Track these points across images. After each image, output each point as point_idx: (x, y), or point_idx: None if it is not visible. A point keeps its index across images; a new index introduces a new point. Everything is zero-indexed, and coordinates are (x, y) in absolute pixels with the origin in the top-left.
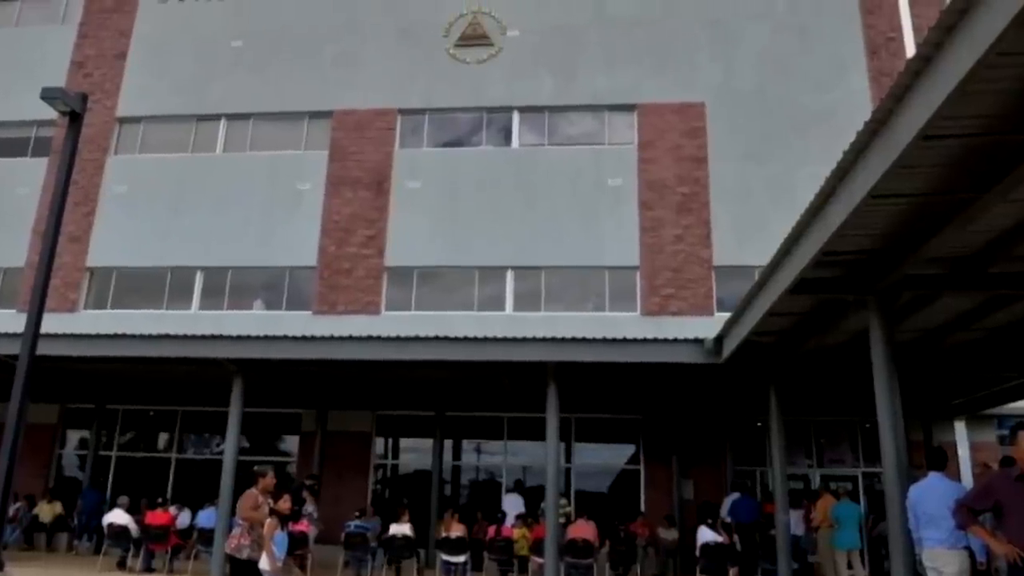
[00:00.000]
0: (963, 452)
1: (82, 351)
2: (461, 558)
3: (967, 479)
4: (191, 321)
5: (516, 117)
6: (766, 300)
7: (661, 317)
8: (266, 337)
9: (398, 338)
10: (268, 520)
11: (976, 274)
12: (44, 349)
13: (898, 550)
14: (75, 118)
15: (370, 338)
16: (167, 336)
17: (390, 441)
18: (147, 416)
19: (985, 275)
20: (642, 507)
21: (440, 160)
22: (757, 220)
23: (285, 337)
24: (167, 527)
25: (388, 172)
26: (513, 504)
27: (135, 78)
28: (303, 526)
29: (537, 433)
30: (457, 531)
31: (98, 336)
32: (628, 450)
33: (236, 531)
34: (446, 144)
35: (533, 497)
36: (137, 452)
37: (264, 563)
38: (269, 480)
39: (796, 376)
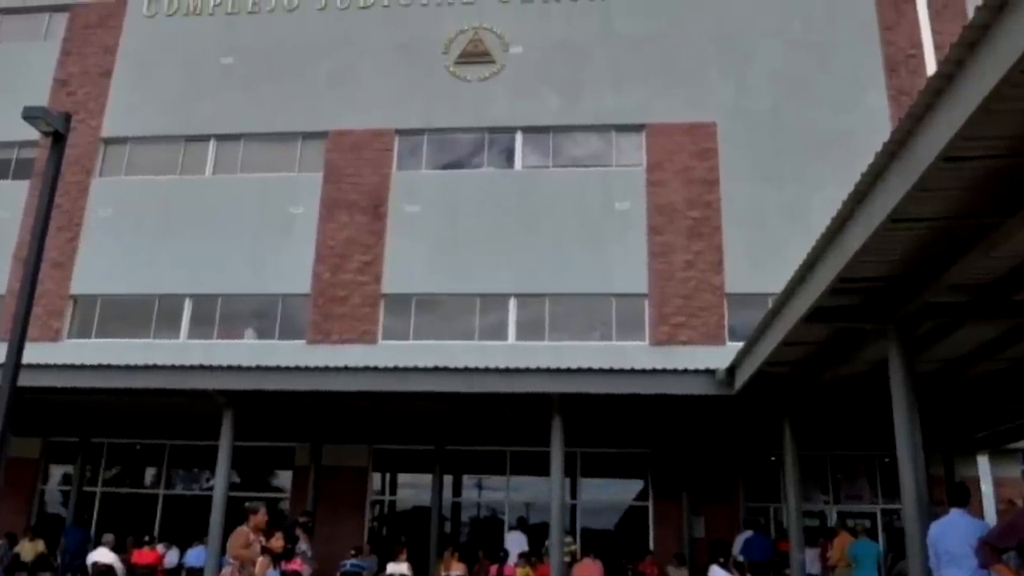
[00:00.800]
0: (986, 488)
1: (66, 382)
2: None
3: (990, 516)
4: (179, 351)
5: (519, 138)
6: (780, 329)
7: (671, 347)
8: (258, 368)
9: (396, 369)
10: (260, 559)
11: (1000, 302)
12: (26, 380)
13: None
14: (58, 139)
15: (366, 369)
16: (154, 367)
17: (387, 476)
18: (133, 450)
19: (1009, 303)
20: (651, 545)
21: (440, 182)
22: (771, 245)
23: (277, 368)
24: (154, 566)
25: (385, 195)
26: (516, 542)
27: (121, 97)
28: (296, 565)
29: (541, 468)
30: (457, 570)
31: (82, 366)
32: (636, 486)
33: (226, 570)
34: (446, 166)
35: (537, 535)
36: (123, 488)
37: None
38: (261, 517)
39: (812, 408)
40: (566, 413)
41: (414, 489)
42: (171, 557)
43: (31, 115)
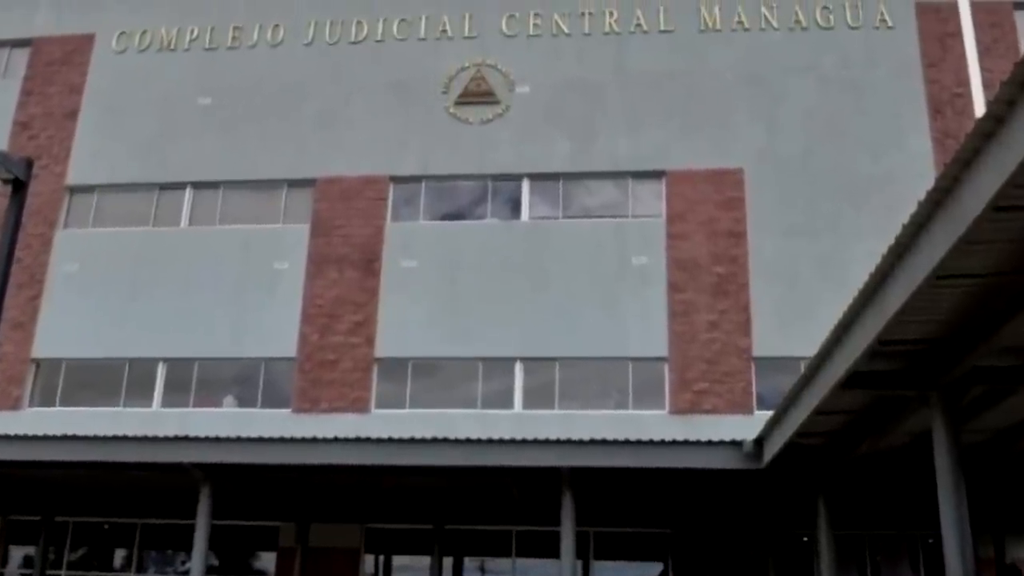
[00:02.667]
0: None
1: (26, 455)
2: None
3: None
4: (152, 420)
5: (526, 185)
6: (814, 396)
7: (693, 416)
8: (238, 439)
9: (390, 440)
10: None
11: None
12: None
13: None
14: (19, 187)
15: (358, 440)
16: (124, 438)
17: (381, 559)
18: (101, 530)
19: None
20: None
21: (438, 235)
22: (803, 304)
23: (260, 439)
24: None
25: (379, 249)
26: None
27: (88, 141)
28: None
29: (550, 549)
30: None
31: (45, 438)
32: (655, 569)
33: None
34: (445, 216)
35: None
36: (90, 571)
37: None
38: None
39: (848, 484)
40: (578, 489)
41: (411, 572)
42: None
43: None
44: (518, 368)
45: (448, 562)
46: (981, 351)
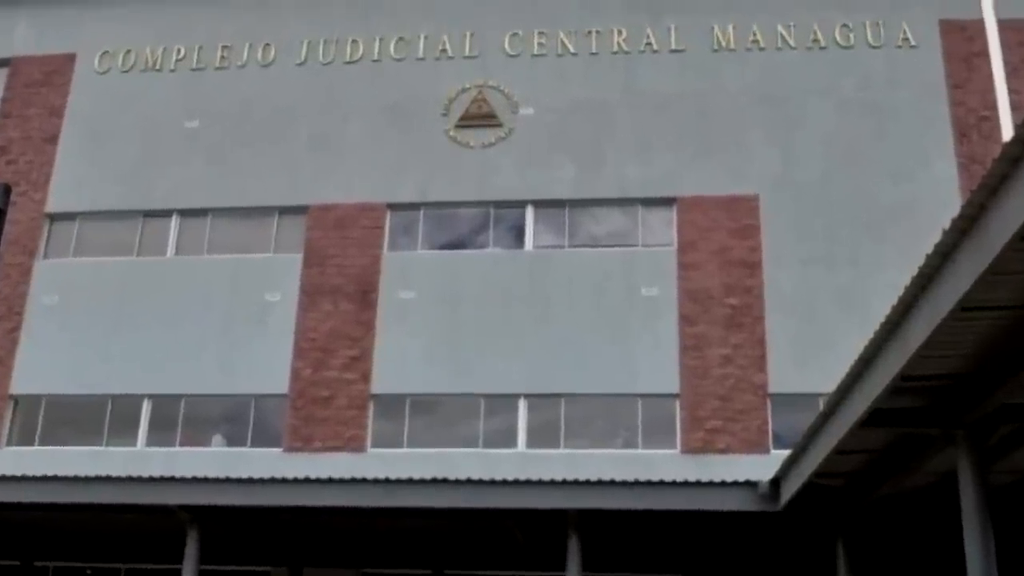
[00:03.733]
0: None
1: (4, 497)
2: None
3: None
4: (137, 460)
5: (530, 213)
6: (833, 435)
7: (706, 455)
8: (227, 480)
9: (387, 481)
10: None
11: None
12: None
13: None
14: None
15: (353, 481)
16: (107, 478)
17: None
18: (84, 575)
19: None
20: None
21: (438, 265)
22: (822, 338)
23: (250, 480)
24: None
25: (375, 280)
26: None
27: (69, 166)
28: None
29: None
30: None
31: (23, 478)
32: None
33: None
34: (445, 245)
35: None
36: None
37: None
38: None
39: (869, 527)
40: (584, 532)
41: None
42: None
43: None
44: (522, 405)
45: None
46: (1010, 387)
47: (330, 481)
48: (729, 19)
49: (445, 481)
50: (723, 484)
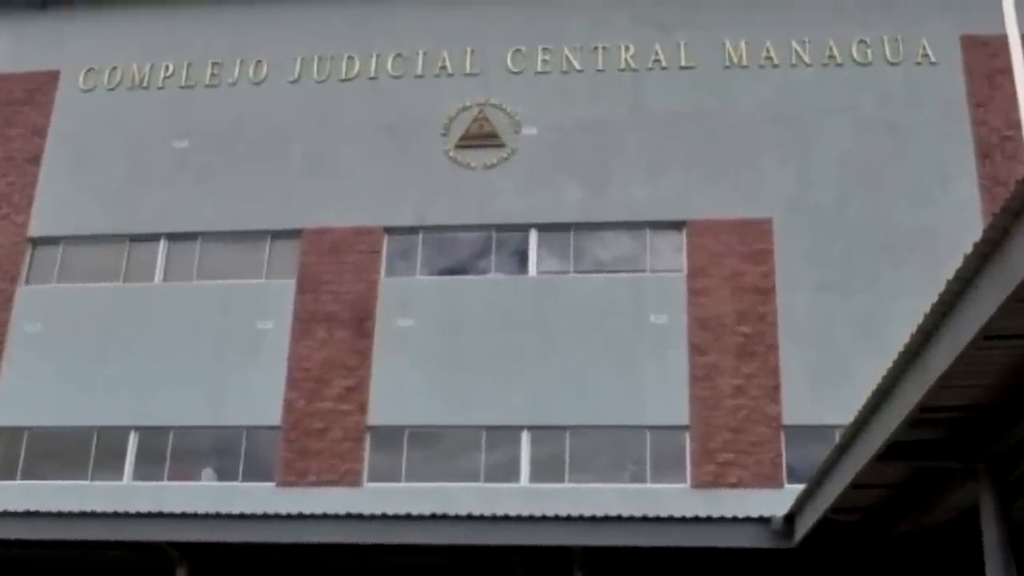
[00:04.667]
0: None
1: None
2: None
3: None
4: (123, 495)
5: (533, 237)
6: (850, 469)
7: (717, 490)
8: (217, 515)
9: (384, 517)
10: None
11: None
12: None
13: None
14: None
15: (349, 517)
16: (92, 514)
17: None
18: None
19: None
20: None
21: (437, 291)
22: (838, 368)
23: (242, 515)
24: None
25: (372, 307)
26: None
27: (52, 188)
28: None
29: None
30: None
31: (4, 514)
32: None
33: None
34: (445, 271)
35: None
36: None
37: None
38: None
39: (887, 564)
40: (590, 570)
41: None
42: None
43: None
44: (525, 437)
45: None
46: None
47: (325, 517)
48: (741, 34)
49: (445, 517)
50: (735, 520)
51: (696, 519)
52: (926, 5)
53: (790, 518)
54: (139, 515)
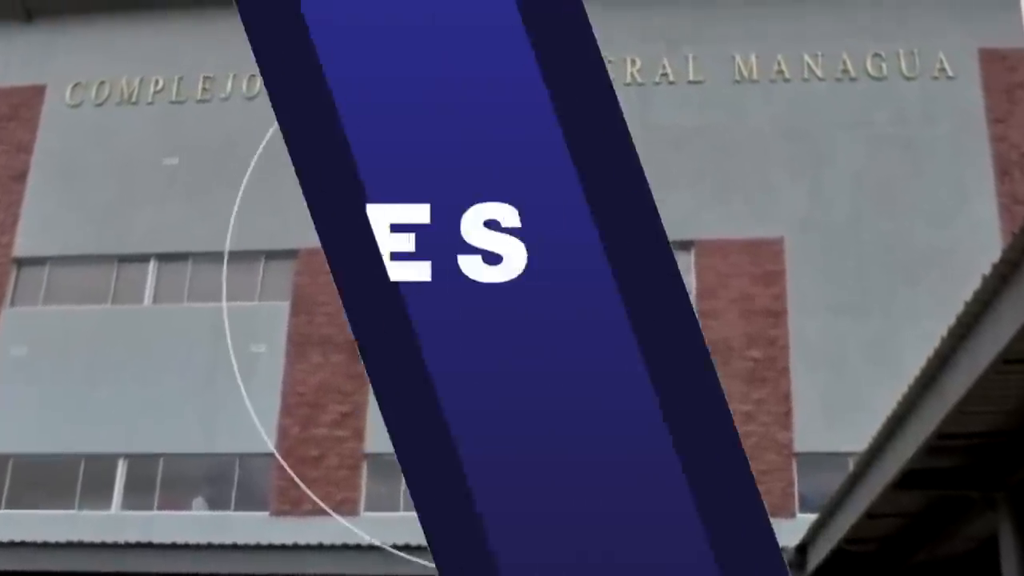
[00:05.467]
0: None
1: None
2: None
3: None
4: (112, 524)
5: None
6: (864, 498)
7: None
8: (209, 546)
9: (381, 548)
10: None
11: None
12: None
13: None
14: None
15: (346, 547)
16: (80, 544)
17: None
18: None
19: None
20: None
21: None
22: (852, 393)
23: (234, 546)
24: None
25: None
26: None
27: (38, 206)
28: None
29: None
30: None
31: None
32: None
33: None
34: None
35: None
36: None
37: None
38: None
39: None
40: None
41: None
42: None
43: None
44: None
45: None
46: None
47: (320, 547)
48: (752, 48)
49: None
50: None
51: None
52: (943, 18)
53: (802, 549)
54: (128, 545)
